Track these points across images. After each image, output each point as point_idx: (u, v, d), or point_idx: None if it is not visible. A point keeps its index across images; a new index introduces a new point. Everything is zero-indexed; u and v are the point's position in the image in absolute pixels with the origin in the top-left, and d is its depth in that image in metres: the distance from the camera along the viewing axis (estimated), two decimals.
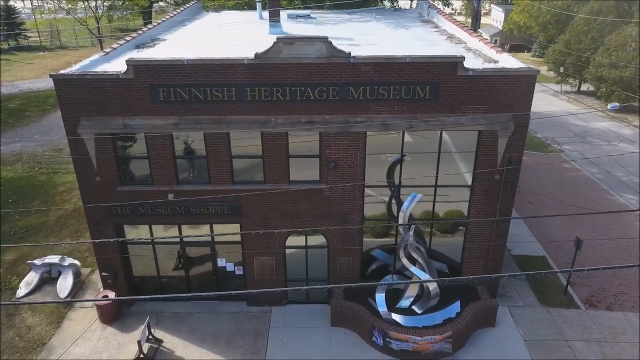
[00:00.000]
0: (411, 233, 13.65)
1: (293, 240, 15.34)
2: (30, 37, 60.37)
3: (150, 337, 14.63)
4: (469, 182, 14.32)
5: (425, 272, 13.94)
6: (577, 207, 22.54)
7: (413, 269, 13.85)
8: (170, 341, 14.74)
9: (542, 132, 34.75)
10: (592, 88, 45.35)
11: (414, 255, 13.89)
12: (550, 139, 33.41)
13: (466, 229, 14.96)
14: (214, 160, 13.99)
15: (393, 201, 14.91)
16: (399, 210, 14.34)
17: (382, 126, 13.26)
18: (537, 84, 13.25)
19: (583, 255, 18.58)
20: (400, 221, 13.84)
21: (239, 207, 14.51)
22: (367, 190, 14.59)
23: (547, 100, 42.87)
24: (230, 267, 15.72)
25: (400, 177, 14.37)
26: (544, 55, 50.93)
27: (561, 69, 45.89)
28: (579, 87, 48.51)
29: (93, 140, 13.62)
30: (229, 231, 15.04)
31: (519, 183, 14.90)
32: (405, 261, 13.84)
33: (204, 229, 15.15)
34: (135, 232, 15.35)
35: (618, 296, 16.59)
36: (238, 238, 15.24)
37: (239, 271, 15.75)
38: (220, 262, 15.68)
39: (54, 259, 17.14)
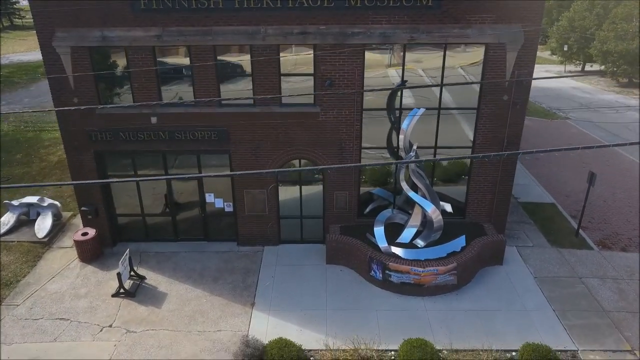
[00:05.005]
0: (412, 154, 12.59)
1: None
2: (25, 16, 59.51)
3: (132, 273, 13.60)
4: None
5: (427, 199, 12.94)
6: (586, 164, 21.57)
7: (413, 195, 12.84)
8: (154, 278, 13.71)
9: (547, 103, 33.81)
10: (596, 67, 44.39)
11: (416, 181, 12.87)
12: (555, 108, 32.44)
13: (471, 160, 13.94)
14: (199, 79, 12.98)
15: (393, 134, 13.88)
16: (398, 135, 13.28)
17: (382, 37, 12.24)
18: (539, 65, 12.44)
19: (594, 205, 17.58)
20: (401, 143, 12.79)
21: (227, 132, 13.49)
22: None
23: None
24: (219, 203, 14.68)
25: (401, 104, 13.36)
26: (546, 42, 50.01)
27: (565, 47, 44.88)
28: (583, 66, 47.50)
29: (69, 56, 12.64)
30: (217, 160, 14.03)
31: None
32: (405, 186, 12.83)
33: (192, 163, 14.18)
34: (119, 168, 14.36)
35: (633, 239, 15.54)
36: (227, 170, 14.22)
37: (228, 208, 14.71)
38: (209, 197, 14.65)
39: (32, 199, 16.11)
